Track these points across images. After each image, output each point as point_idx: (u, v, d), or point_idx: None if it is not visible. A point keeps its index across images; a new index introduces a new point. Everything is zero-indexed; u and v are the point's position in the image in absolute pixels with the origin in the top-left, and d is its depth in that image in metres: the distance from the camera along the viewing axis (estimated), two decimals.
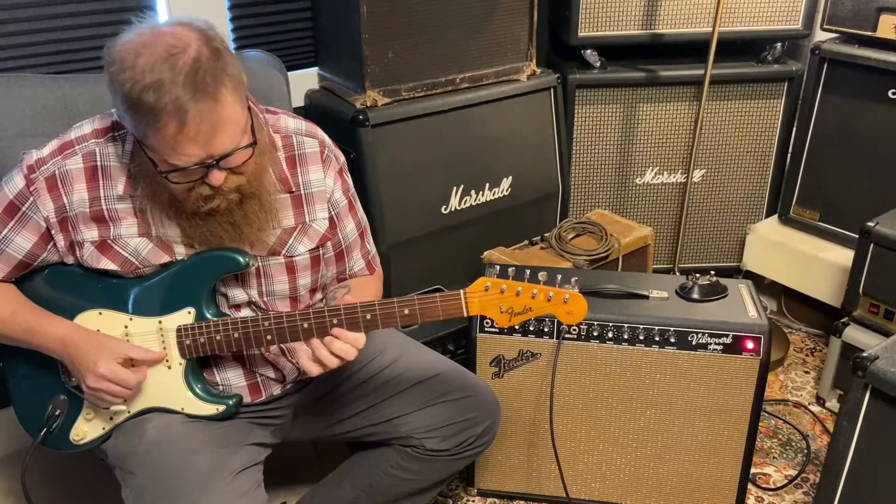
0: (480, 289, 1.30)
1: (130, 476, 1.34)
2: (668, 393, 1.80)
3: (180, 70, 1.11)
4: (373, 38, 2.04)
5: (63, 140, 1.33)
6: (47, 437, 1.42)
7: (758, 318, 1.75)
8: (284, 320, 1.33)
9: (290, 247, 1.42)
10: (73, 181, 1.30)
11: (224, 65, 1.16)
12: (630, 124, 2.56)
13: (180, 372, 1.38)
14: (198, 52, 1.14)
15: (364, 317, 1.32)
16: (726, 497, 1.88)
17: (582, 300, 1.30)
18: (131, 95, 1.12)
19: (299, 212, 1.43)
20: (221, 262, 1.35)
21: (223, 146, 1.18)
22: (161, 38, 1.14)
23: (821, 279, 2.41)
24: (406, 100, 2.15)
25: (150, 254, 1.34)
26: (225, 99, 1.16)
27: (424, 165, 2.19)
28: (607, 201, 2.66)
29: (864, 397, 1.48)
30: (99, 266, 1.34)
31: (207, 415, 1.39)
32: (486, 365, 1.83)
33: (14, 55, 1.84)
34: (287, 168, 1.41)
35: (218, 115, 1.15)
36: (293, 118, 1.46)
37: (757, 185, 2.65)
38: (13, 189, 1.31)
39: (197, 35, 1.16)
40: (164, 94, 1.11)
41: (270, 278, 1.43)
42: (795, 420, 2.28)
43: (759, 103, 2.54)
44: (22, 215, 1.31)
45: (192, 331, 1.35)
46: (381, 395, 1.56)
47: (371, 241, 1.62)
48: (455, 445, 1.55)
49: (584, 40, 2.45)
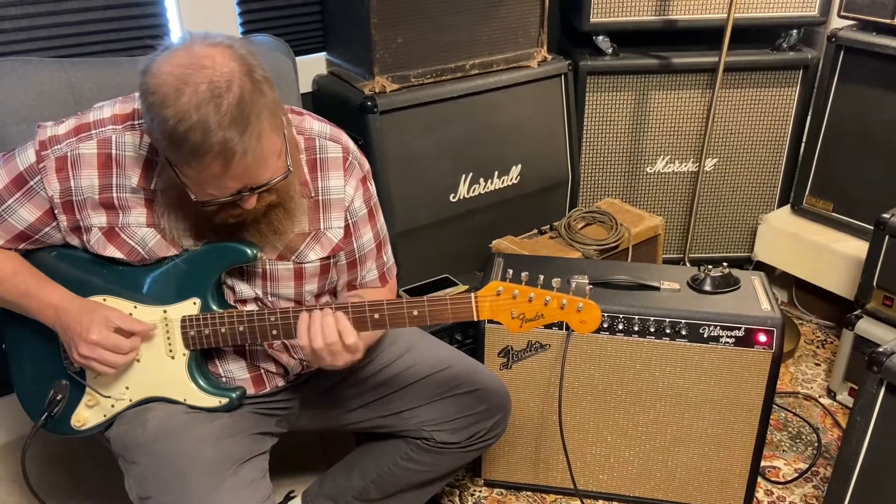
0: (492, 293, 1.27)
1: (133, 466, 1.34)
2: (679, 386, 1.78)
3: (226, 112, 1.09)
4: (382, 23, 2.01)
5: (81, 121, 1.31)
6: (48, 422, 1.41)
7: (771, 311, 1.73)
8: (291, 315, 1.31)
9: (301, 253, 1.39)
10: (83, 166, 1.28)
11: (263, 96, 1.14)
12: (641, 112, 2.53)
13: (184, 363, 1.37)
14: (241, 89, 1.11)
15: (372, 316, 1.29)
16: (735, 490, 1.87)
17: (596, 309, 1.26)
18: (176, 132, 1.10)
19: (315, 218, 1.39)
20: (228, 253, 1.33)
21: (262, 178, 1.18)
22: (202, 71, 1.10)
23: (833, 271, 2.38)
24: (415, 86, 2.12)
25: (156, 245, 1.33)
26: (266, 134, 1.14)
27: (433, 153, 2.16)
28: (617, 190, 2.63)
29: (879, 393, 1.46)
30: (105, 253, 1.33)
31: (210, 407, 1.38)
32: (494, 356, 1.82)
33: (19, 38, 1.82)
34: (308, 172, 1.37)
35: (261, 152, 1.14)
36: (318, 121, 1.42)
37: (770, 174, 2.62)
38: (25, 161, 1.30)
39: (238, 66, 1.12)
40: (211, 136, 1.09)
41: (276, 282, 1.40)
42: (806, 413, 2.26)
43: (773, 91, 2.51)
44: (29, 189, 1.30)
45: (197, 322, 1.34)
46: (390, 387, 1.54)
47: (389, 254, 1.58)
48: (466, 438, 1.54)
49: (596, 26, 2.42)
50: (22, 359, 1.46)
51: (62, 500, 1.90)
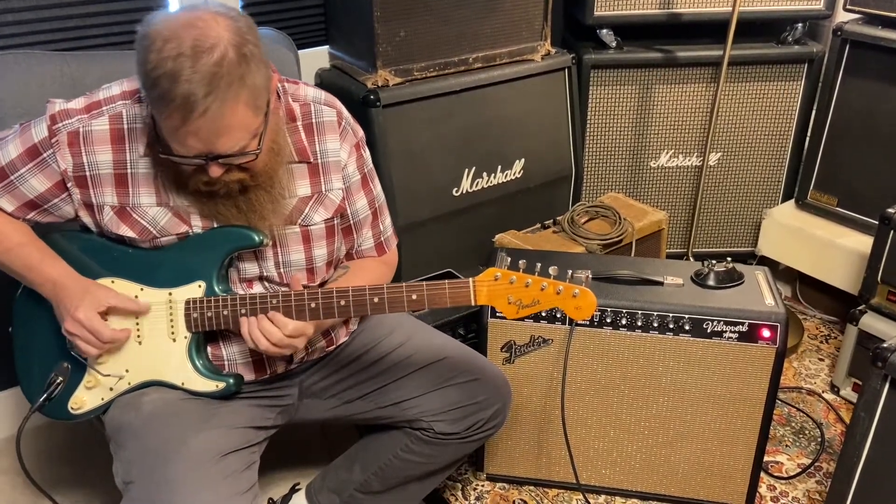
0: (490, 278, 1.29)
1: (122, 450, 1.35)
2: (682, 381, 1.78)
3: (199, 68, 1.13)
4: (385, 16, 2.00)
5: (91, 99, 1.35)
6: (46, 406, 1.42)
7: (775, 306, 1.72)
8: (292, 299, 1.33)
9: (306, 216, 1.43)
10: (95, 142, 1.32)
11: (246, 72, 1.17)
12: (645, 106, 2.52)
13: (185, 345, 1.39)
14: (222, 55, 1.15)
15: (372, 300, 1.33)
16: (738, 486, 1.86)
17: (591, 296, 1.29)
18: (150, 77, 1.15)
19: (315, 181, 1.43)
20: (235, 238, 1.36)
21: (224, 147, 1.21)
22: (194, 28, 1.15)
23: (838, 266, 2.38)
24: (418, 79, 2.11)
25: (167, 223, 1.36)
26: (235, 107, 1.17)
27: (436, 147, 2.16)
28: (621, 185, 2.62)
29: (883, 389, 1.46)
30: (118, 232, 1.36)
31: (207, 391, 1.39)
32: (497, 350, 1.82)
33: (22, 32, 1.82)
34: (305, 136, 1.42)
35: (224, 120, 1.17)
36: (312, 88, 1.47)
37: (774, 168, 2.61)
38: (38, 134, 1.34)
39: (230, 35, 1.16)
40: (177, 86, 1.13)
41: (286, 248, 1.43)
42: (809, 408, 2.26)
43: (778, 85, 2.50)
44: (42, 160, 1.34)
45: (201, 304, 1.37)
46: (388, 377, 1.55)
47: (387, 223, 1.61)
48: (464, 429, 1.54)
49: (600, 19, 2.41)
50: (27, 340, 1.47)
51: (64, 492, 1.91)
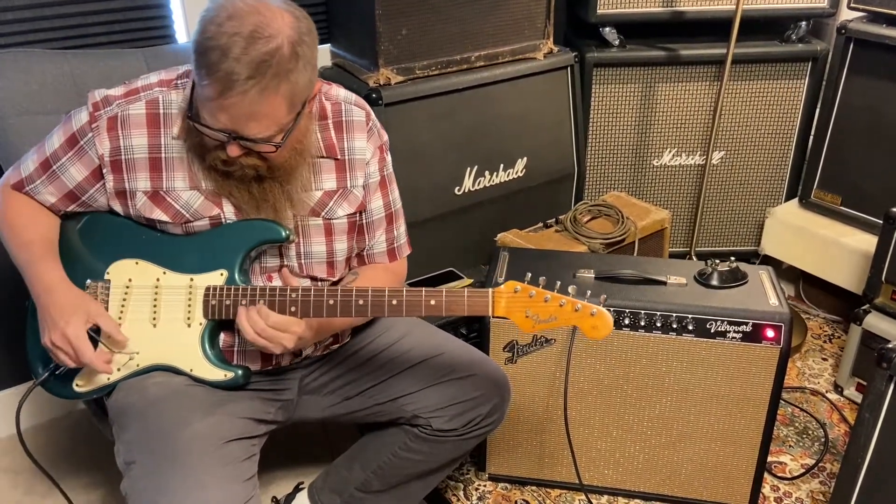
0: (510, 291, 1.30)
1: (124, 431, 1.36)
2: (685, 381, 1.77)
3: (251, 52, 1.16)
4: (387, 14, 1.99)
5: (130, 86, 1.39)
6: (49, 382, 1.41)
7: (779, 306, 1.71)
8: (311, 294, 1.34)
9: (330, 209, 1.46)
10: (132, 125, 1.35)
11: (293, 69, 1.21)
12: (648, 104, 2.51)
13: (199, 332, 1.39)
14: (277, 47, 1.18)
15: (390, 302, 1.33)
16: (741, 486, 1.86)
17: (608, 317, 1.30)
18: (203, 45, 1.18)
19: (342, 176, 1.47)
20: (262, 231, 1.38)
21: (250, 131, 1.23)
22: (259, 15, 1.18)
23: (841, 265, 2.37)
24: (420, 78, 2.11)
25: (200, 206, 1.38)
26: (272, 97, 1.20)
27: (438, 145, 2.15)
28: (624, 183, 2.61)
29: (888, 390, 1.45)
30: (151, 216, 1.39)
31: (214, 380, 1.40)
32: (499, 350, 1.81)
33: (22, 30, 1.82)
34: (334, 133, 1.46)
35: (257, 106, 1.20)
36: (344, 89, 1.52)
37: (777, 167, 2.60)
38: (78, 122, 1.37)
39: (290, 31, 1.20)
40: (224, 62, 1.16)
41: (308, 238, 1.45)
42: (812, 408, 2.25)
43: (781, 84, 2.49)
44: (80, 148, 1.37)
45: (220, 292, 1.38)
46: (386, 372, 1.56)
47: (401, 231, 1.62)
48: (462, 425, 1.53)
49: (603, 17, 2.40)
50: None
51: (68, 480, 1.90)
